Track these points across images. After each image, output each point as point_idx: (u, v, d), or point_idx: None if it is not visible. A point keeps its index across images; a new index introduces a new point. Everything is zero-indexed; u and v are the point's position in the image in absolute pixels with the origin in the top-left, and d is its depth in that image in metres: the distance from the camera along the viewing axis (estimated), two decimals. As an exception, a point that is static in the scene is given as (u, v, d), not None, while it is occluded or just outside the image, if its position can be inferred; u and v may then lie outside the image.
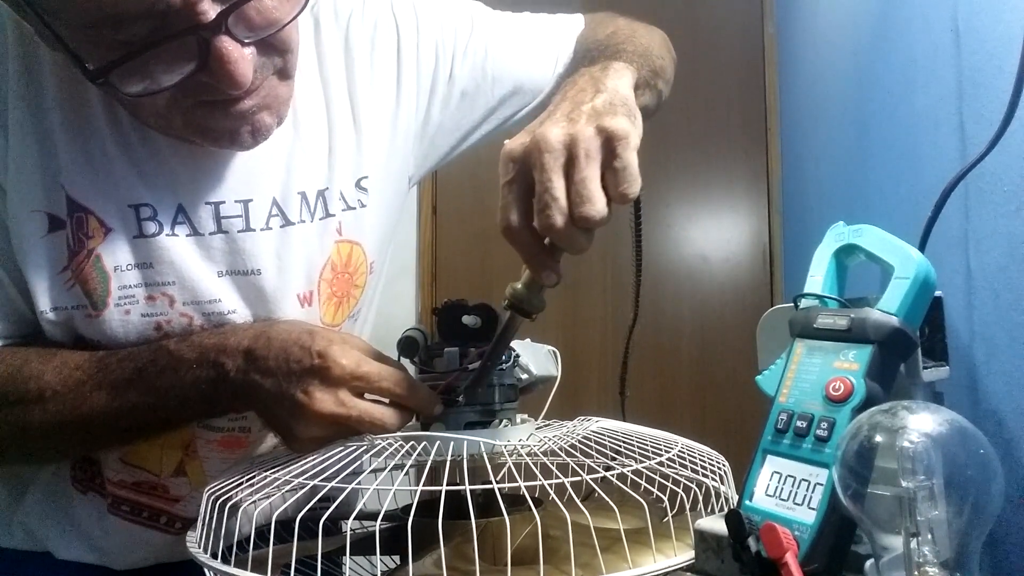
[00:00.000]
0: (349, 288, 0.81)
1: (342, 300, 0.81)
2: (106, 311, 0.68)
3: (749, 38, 2.25)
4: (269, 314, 0.74)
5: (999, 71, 0.74)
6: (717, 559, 0.52)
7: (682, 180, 2.23)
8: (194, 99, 0.61)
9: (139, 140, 0.69)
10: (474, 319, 0.68)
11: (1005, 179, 0.73)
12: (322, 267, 0.77)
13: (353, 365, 0.61)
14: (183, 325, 0.70)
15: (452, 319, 0.68)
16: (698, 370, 2.19)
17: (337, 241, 0.78)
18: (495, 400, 0.65)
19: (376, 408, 0.63)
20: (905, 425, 0.44)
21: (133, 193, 0.69)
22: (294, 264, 0.74)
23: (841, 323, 0.53)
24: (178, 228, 0.70)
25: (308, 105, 0.76)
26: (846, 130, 1.41)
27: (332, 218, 0.77)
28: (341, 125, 0.78)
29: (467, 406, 0.64)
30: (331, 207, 0.77)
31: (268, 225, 0.73)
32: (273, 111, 0.65)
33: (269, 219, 0.73)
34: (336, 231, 0.78)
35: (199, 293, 0.70)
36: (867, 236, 0.58)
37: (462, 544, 0.56)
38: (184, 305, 0.70)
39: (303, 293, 0.76)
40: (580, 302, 2.20)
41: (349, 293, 0.81)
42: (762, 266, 2.21)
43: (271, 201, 0.73)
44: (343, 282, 0.80)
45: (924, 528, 0.42)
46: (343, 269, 0.79)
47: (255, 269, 0.72)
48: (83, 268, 0.67)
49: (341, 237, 0.78)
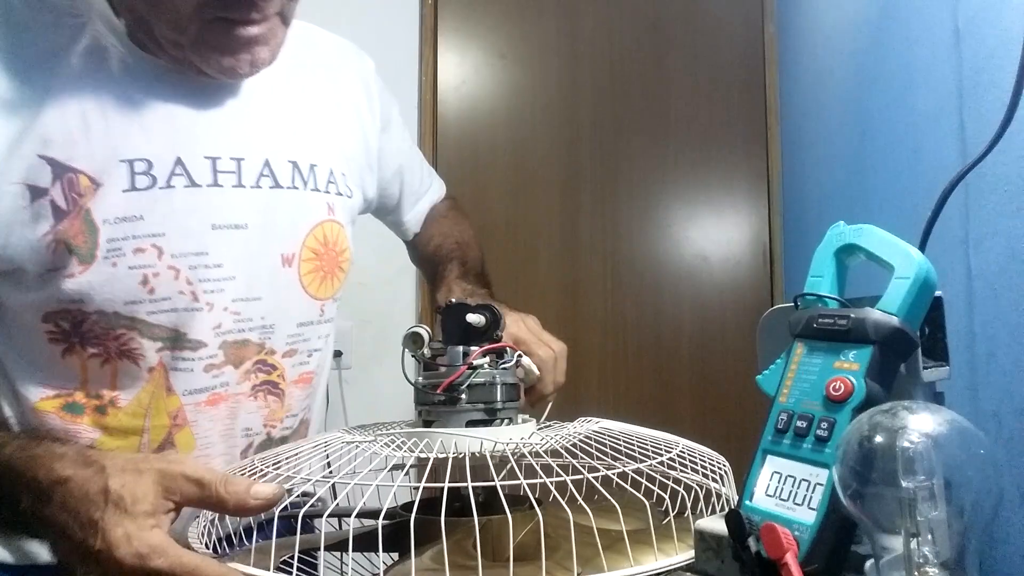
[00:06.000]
0: (335, 268, 0.86)
1: (327, 276, 0.85)
2: (94, 264, 0.69)
3: (749, 38, 2.25)
4: (252, 271, 0.77)
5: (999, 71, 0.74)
6: (717, 559, 0.52)
7: (682, 180, 2.22)
8: (215, 12, 0.67)
9: (142, 93, 0.73)
10: (478, 318, 0.68)
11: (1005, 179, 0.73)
12: (307, 233, 0.82)
13: (137, 561, 0.54)
14: (170, 279, 0.72)
15: (456, 318, 0.69)
16: (698, 370, 2.19)
17: (328, 219, 0.84)
18: (497, 399, 0.65)
19: None
20: (905, 425, 0.44)
21: (128, 147, 0.71)
22: (280, 224, 0.79)
23: (841, 323, 0.53)
24: (175, 180, 0.73)
25: (302, 85, 0.85)
26: (846, 130, 1.41)
27: (324, 194, 0.84)
28: (329, 116, 0.87)
29: (469, 404, 0.64)
30: (320, 184, 0.83)
31: (258, 184, 0.78)
32: (270, 48, 0.73)
33: (260, 178, 0.78)
34: (328, 208, 0.84)
35: (189, 245, 0.73)
36: (867, 236, 0.58)
37: (462, 541, 0.56)
38: (172, 258, 0.72)
39: (286, 254, 0.80)
40: (580, 302, 2.20)
41: (335, 273, 0.86)
42: (762, 266, 2.21)
43: (263, 162, 0.79)
44: (330, 259, 0.85)
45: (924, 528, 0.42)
46: (332, 246, 0.85)
47: (242, 223, 0.76)
48: (73, 226, 0.69)
49: (332, 217, 0.84)
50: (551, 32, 2.26)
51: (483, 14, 2.26)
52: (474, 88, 2.26)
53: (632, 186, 2.23)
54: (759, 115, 2.22)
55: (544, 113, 2.24)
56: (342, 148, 0.89)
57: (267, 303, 0.79)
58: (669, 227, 2.23)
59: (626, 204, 2.22)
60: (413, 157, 1.07)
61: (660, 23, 2.26)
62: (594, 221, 2.22)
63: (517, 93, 2.26)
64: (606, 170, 2.23)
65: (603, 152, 2.23)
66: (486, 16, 2.27)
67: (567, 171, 2.23)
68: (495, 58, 2.27)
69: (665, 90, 2.24)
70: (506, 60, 2.27)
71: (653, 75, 2.25)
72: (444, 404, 0.65)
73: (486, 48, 2.26)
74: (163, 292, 0.72)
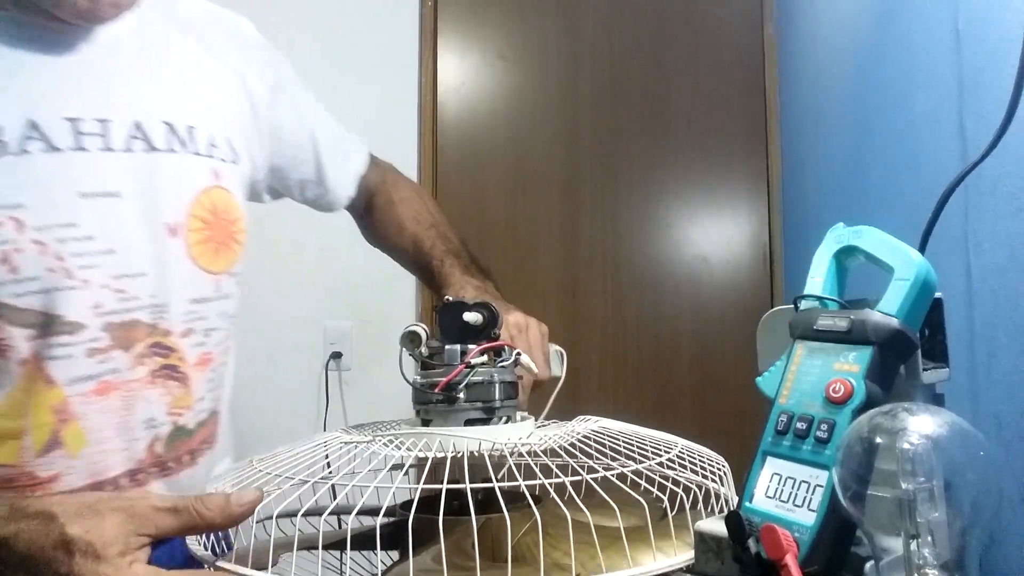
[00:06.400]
0: (228, 239, 0.80)
1: (220, 247, 0.79)
2: None
3: (749, 38, 2.25)
4: (131, 243, 0.71)
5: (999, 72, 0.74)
6: (717, 560, 0.52)
7: (682, 180, 2.22)
8: None
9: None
10: (476, 316, 0.68)
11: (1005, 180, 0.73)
12: (192, 200, 0.76)
13: None
14: (35, 255, 0.65)
15: (454, 316, 0.68)
16: (698, 370, 2.19)
17: (215, 185, 0.78)
18: (495, 397, 0.65)
19: None
20: (905, 427, 0.44)
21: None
22: (160, 191, 0.73)
23: (841, 324, 0.53)
24: (30, 144, 0.66)
25: (171, 45, 0.79)
26: (846, 130, 1.41)
27: (208, 159, 0.78)
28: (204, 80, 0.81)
29: (467, 403, 0.64)
30: (202, 147, 0.77)
31: (130, 147, 0.71)
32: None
33: (131, 141, 0.72)
34: (213, 174, 0.78)
35: (54, 216, 0.66)
36: (867, 237, 0.58)
37: (460, 540, 0.56)
38: (36, 231, 0.65)
39: (171, 223, 0.74)
40: (580, 302, 2.20)
41: (228, 245, 0.80)
42: (762, 267, 2.21)
43: (132, 123, 0.72)
44: (222, 228, 0.79)
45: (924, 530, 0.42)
46: (223, 215, 0.79)
47: (114, 191, 0.70)
48: None
49: (219, 183, 0.79)
50: (551, 32, 2.26)
51: (483, 15, 2.26)
52: (474, 89, 2.25)
53: (632, 186, 2.23)
54: (759, 115, 2.22)
55: (544, 113, 2.24)
56: (223, 113, 0.82)
57: (154, 279, 0.73)
58: (669, 227, 2.23)
59: (626, 204, 2.22)
60: (325, 117, 1.00)
61: (660, 23, 2.26)
62: (594, 221, 2.22)
63: (517, 94, 2.26)
64: (606, 170, 2.23)
65: (603, 152, 2.23)
66: (486, 17, 2.27)
67: (567, 171, 2.23)
68: (495, 59, 2.27)
69: (665, 90, 2.24)
70: (506, 61, 2.26)
71: (653, 75, 2.25)
72: (442, 403, 0.64)
73: (486, 49, 2.26)
74: (29, 271, 0.65)
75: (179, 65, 0.79)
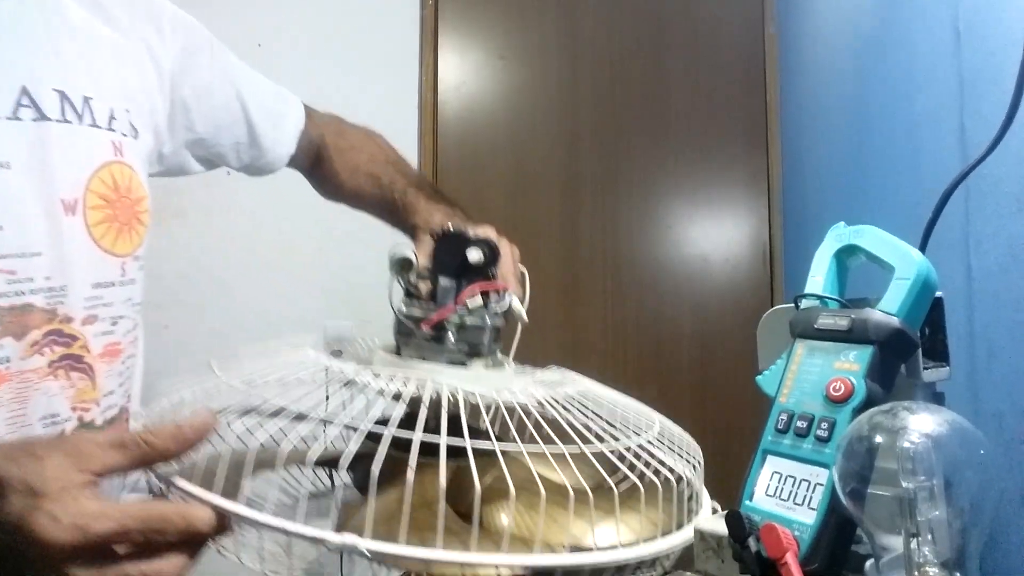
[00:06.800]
0: (132, 219, 0.75)
1: (124, 228, 0.74)
2: None
3: (749, 38, 2.25)
4: (22, 220, 0.66)
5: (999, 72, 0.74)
6: (717, 559, 0.52)
7: (682, 180, 2.23)
8: None
9: None
10: (478, 254, 0.63)
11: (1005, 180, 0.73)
12: (90, 175, 0.71)
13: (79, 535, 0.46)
14: None
15: (453, 250, 0.63)
16: (698, 370, 2.19)
17: (115, 160, 0.73)
18: (483, 342, 0.62)
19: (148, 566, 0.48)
20: (905, 426, 0.44)
21: None
22: (53, 163, 0.68)
23: (842, 323, 0.53)
24: None
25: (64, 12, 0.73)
26: (846, 130, 1.41)
27: (108, 132, 0.73)
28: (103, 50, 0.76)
29: (455, 344, 0.61)
30: (100, 119, 0.72)
31: (16, 115, 0.66)
32: None
33: (18, 108, 0.66)
34: (114, 148, 0.73)
35: None
36: (867, 237, 0.58)
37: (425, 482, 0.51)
38: None
39: (67, 199, 0.68)
40: (580, 302, 2.20)
41: (132, 226, 0.75)
42: (762, 266, 2.21)
43: (19, 89, 0.66)
44: (125, 207, 0.74)
45: (924, 528, 0.42)
46: (126, 192, 0.74)
47: (2, 161, 0.65)
48: None
49: (120, 158, 0.74)
50: (551, 32, 2.26)
51: (483, 14, 2.26)
52: (474, 89, 2.26)
53: (632, 186, 2.23)
54: (759, 115, 2.22)
55: (544, 113, 2.24)
56: (124, 85, 0.77)
57: (50, 258, 0.67)
58: (669, 227, 2.23)
59: (626, 204, 2.22)
60: (251, 76, 0.94)
61: (660, 23, 2.26)
62: (594, 221, 2.22)
63: (517, 93, 2.26)
64: (606, 170, 2.23)
65: (603, 152, 2.23)
66: (486, 16, 2.27)
67: (567, 171, 2.23)
68: (495, 59, 2.27)
69: (665, 90, 2.24)
70: (506, 61, 2.27)
71: (653, 75, 2.25)
72: (429, 340, 0.61)
73: (486, 49, 2.27)
74: None
75: (72, 34, 0.73)
